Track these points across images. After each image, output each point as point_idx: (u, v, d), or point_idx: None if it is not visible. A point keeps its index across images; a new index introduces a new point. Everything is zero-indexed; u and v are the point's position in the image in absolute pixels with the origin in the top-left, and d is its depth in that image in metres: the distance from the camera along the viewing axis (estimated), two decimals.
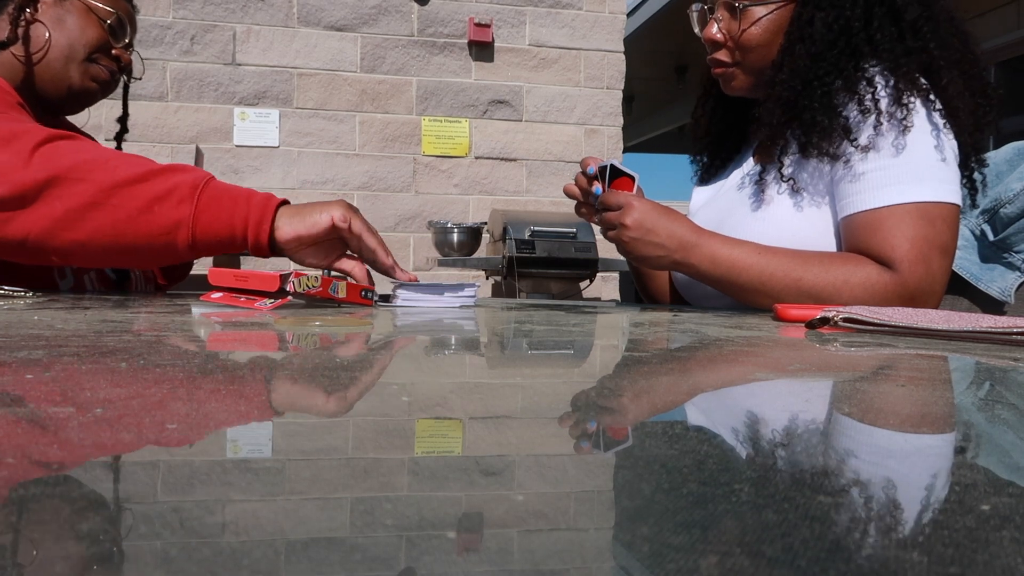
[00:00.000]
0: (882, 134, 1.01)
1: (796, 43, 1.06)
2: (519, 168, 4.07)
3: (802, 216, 1.08)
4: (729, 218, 1.15)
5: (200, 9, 3.69)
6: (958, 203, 1.01)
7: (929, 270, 0.97)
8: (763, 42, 1.11)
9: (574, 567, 0.16)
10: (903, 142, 1.00)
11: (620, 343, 0.69)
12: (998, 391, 0.43)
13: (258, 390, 0.37)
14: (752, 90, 1.15)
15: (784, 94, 1.06)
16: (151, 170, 0.97)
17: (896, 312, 0.72)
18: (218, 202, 0.97)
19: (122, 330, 0.59)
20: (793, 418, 0.34)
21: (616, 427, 0.31)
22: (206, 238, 0.97)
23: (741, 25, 1.11)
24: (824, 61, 1.04)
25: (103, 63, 1.20)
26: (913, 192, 0.98)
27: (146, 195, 0.95)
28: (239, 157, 3.75)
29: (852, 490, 0.22)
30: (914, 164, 0.99)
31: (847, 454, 0.27)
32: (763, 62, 1.12)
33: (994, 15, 5.05)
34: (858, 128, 1.02)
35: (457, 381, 0.42)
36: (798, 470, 0.24)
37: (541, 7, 4.10)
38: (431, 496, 0.20)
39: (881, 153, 1.01)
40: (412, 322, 0.78)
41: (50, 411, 0.28)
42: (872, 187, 1.00)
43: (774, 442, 0.29)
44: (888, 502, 0.21)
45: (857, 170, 1.02)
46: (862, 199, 1.01)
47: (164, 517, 0.17)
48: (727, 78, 1.16)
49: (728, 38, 1.13)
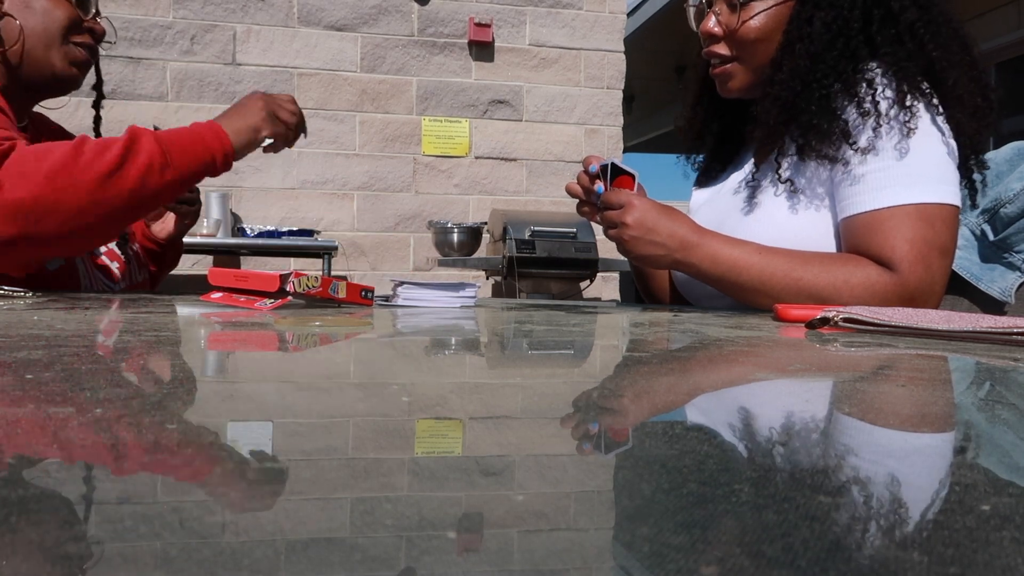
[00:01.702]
0: (882, 136, 1.01)
1: (795, 42, 1.06)
2: (519, 168, 4.07)
3: (801, 218, 1.08)
4: (728, 219, 1.15)
5: (200, 9, 3.69)
6: (958, 204, 1.01)
7: (929, 271, 0.98)
8: (762, 37, 1.10)
9: (574, 567, 0.16)
10: (904, 144, 1.00)
11: (620, 343, 0.69)
12: (998, 391, 0.43)
13: (258, 390, 0.37)
14: (749, 90, 1.15)
15: (782, 94, 1.06)
16: (117, 153, 1.04)
17: (896, 312, 0.72)
18: (189, 153, 1.11)
19: (122, 330, 0.59)
20: (793, 418, 0.34)
21: (616, 427, 0.31)
22: (194, 180, 1.14)
23: (740, 18, 1.10)
24: (823, 63, 1.04)
25: (79, 40, 1.20)
26: (913, 193, 0.99)
27: (133, 176, 1.04)
28: None
29: (852, 490, 0.22)
30: (914, 166, 1.00)
31: (847, 454, 0.27)
32: (761, 58, 1.11)
33: (994, 15, 5.05)
34: (857, 130, 1.02)
35: (457, 381, 0.42)
36: (798, 470, 0.24)
37: (541, 7, 4.10)
38: (431, 496, 0.20)
39: (881, 155, 1.01)
40: (412, 322, 0.78)
41: (50, 411, 0.28)
42: (872, 188, 1.01)
43: (774, 442, 0.29)
44: (888, 502, 0.21)
45: (857, 172, 1.02)
46: (862, 200, 1.01)
47: (164, 517, 0.17)
48: (724, 77, 1.16)
49: (726, 32, 1.13)
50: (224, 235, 3.37)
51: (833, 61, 1.04)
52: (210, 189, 3.57)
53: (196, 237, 3.23)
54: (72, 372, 0.37)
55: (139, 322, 0.68)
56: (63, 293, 1.09)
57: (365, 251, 3.88)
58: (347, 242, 3.75)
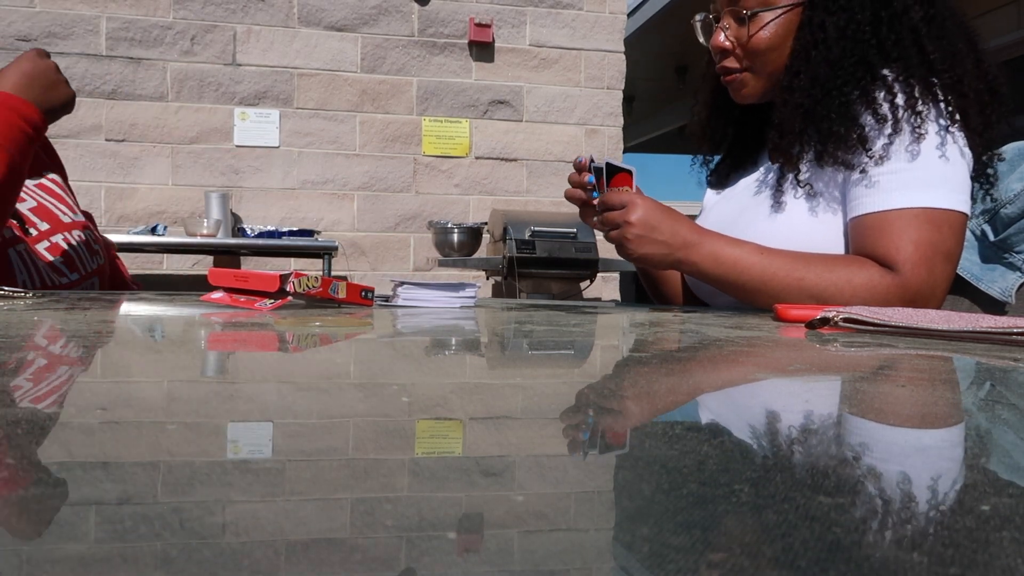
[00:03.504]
0: (896, 141, 1.01)
1: (810, 48, 1.05)
2: (519, 168, 4.07)
3: (817, 221, 1.07)
4: (740, 219, 1.14)
5: (200, 9, 3.69)
6: (967, 212, 1.01)
7: (932, 274, 0.97)
8: (773, 46, 1.10)
9: (574, 567, 0.16)
10: (917, 149, 1.00)
11: (620, 343, 0.69)
12: (998, 391, 0.43)
13: (258, 390, 0.37)
14: (763, 96, 1.15)
15: (804, 101, 1.05)
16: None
17: (896, 312, 0.72)
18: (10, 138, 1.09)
19: (122, 330, 0.59)
20: (793, 418, 0.34)
21: (616, 427, 0.31)
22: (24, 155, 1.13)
23: (749, 31, 1.10)
24: (842, 69, 1.04)
25: None
26: (923, 197, 0.98)
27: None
28: (239, 157, 3.75)
29: (852, 490, 0.22)
30: (926, 170, 0.99)
31: (847, 454, 0.27)
32: (773, 66, 1.11)
33: (994, 15, 5.05)
34: (873, 136, 1.02)
35: (457, 381, 0.42)
36: (798, 470, 0.24)
37: (541, 7, 4.10)
38: (431, 497, 0.20)
39: (894, 159, 1.00)
40: (412, 322, 0.78)
41: (50, 411, 0.28)
42: (883, 190, 1.00)
43: (774, 442, 0.29)
44: (888, 502, 0.21)
45: (870, 174, 1.02)
46: (872, 201, 1.01)
47: (164, 517, 0.17)
48: (737, 85, 1.15)
49: (736, 45, 1.12)
50: (224, 235, 3.37)
51: (851, 67, 1.04)
52: (210, 189, 3.57)
53: (196, 237, 3.24)
54: (72, 372, 0.37)
55: (139, 322, 0.68)
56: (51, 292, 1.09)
57: (365, 251, 3.88)
58: (347, 242, 3.75)
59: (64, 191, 1.38)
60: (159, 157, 3.66)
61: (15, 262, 1.19)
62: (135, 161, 3.63)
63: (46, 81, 1.15)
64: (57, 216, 1.31)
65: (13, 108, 1.11)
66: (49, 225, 1.28)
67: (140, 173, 3.64)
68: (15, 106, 1.11)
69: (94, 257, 1.35)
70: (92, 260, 1.34)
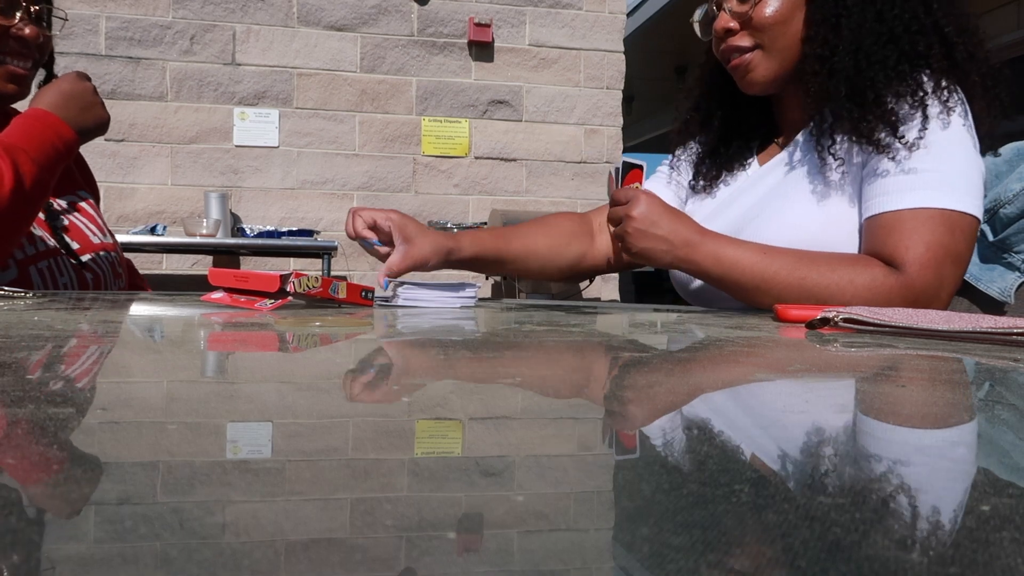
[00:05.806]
0: (919, 142, 1.00)
1: (829, 18, 1.04)
2: (519, 168, 4.07)
3: (833, 214, 1.06)
4: (767, 209, 1.12)
5: (200, 9, 3.69)
6: (980, 217, 1.00)
7: (939, 276, 0.97)
8: (781, 18, 1.08)
9: (574, 567, 0.16)
10: (935, 151, 1.00)
11: (620, 343, 0.69)
12: (998, 391, 0.43)
13: (258, 390, 0.37)
14: (774, 82, 1.12)
15: (844, 65, 1.03)
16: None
17: (896, 312, 0.72)
18: (42, 153, 1.12)
19: (122, 330, 0.59)
20: (793, 419, 0.34)
21: (616, 427, 0.31)
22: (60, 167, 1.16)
23: (755, 4, 1.08)
24: (882, 36, 1.02)
25: (11, 54, 1.17)
26: (939, 199, 0.98)
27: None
28: (239, 157, 3.75)
29: (852, 490, 0.22)
30: (942, 172, 0.99)
31: (847, 454, 0.27)
32: (784, 41, 1.09)
33: (994, 15, 5.05)
34: (907, 122, 1.02)
35: (457, 381, 0.42)
36: (798, 470, 0.24)
37: (541, 7, 4.10)
38: (431, 497, 0.20)
39: (914, 158, 1.00)
40: (412, 322, 0.78)
41: (50, 411, 0.28)
42: (899, 190, 0.99)
43: (774, 442, 0.29)
44: (888, 502, 0.21)
45: (887, 174, 1.01)
46: (888, 200, 1.00)
47: (164, 517, 0.17)
48: (745, 69, 1.12)
49: (742, 22, 1.10)
50: (224, 235, 3.37)
51: (888, 39, 1.03)
52: (210, 189, 3.57)
53: (196, 237, 3.24)
54: (72, 372, 0.37)
55: (139, 322, 0.68)
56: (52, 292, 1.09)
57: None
58: (347, 242, 3.75)
59: (96, 211, 1.40)
60: (158, 157, 3.66)
61: (35, 280, 1.20)
62: (134, 161, 3.63)
63: (83, 103, 1.18)
64: (87, 236, 1.32)
65: (49, 125, 1.13)
66: (79, 244, 1.29)
67: (139, 173, 3.64)
68: (50, 123, 1.13)
69: (117, 280, 1.36)
70: (115, 283, 1.36)
